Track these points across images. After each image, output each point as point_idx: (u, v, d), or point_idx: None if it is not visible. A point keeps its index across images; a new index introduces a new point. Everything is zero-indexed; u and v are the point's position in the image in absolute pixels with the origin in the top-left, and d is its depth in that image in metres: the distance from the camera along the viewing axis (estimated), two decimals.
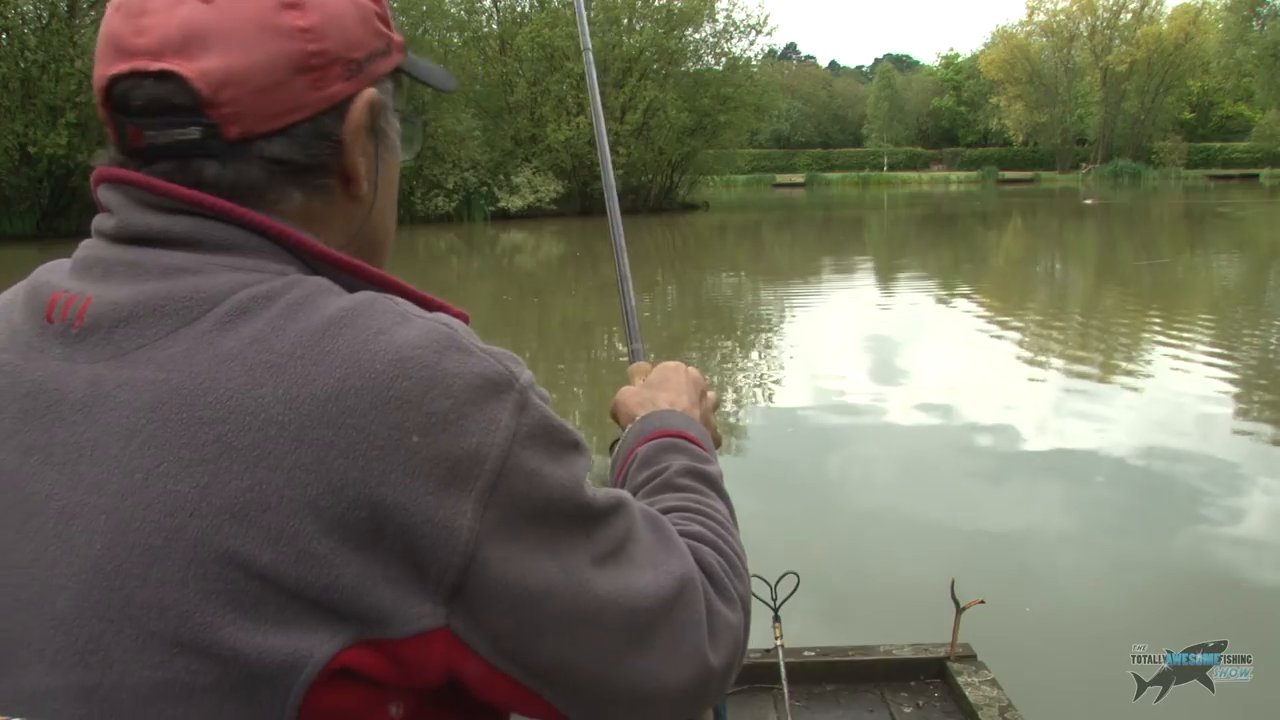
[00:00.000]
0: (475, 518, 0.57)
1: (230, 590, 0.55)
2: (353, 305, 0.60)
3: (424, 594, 0.57)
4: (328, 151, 0.65)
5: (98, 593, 0.56)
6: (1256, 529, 4.07)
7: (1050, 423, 5.74)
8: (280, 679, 0.55)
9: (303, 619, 0.55)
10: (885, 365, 7.72)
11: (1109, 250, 19.52)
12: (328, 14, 0.64)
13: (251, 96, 0.61)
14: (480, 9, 34.54)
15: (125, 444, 0.57)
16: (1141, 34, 60.10)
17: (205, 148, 0.62)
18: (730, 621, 0.69)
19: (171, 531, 0.55)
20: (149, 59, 0.61)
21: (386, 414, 0.56)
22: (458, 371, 0.58)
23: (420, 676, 0.58)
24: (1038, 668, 2.82)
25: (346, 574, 0.55)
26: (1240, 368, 7.58)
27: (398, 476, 0.56)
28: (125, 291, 0.61)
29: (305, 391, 0.56)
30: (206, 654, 0.55)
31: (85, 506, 0.57)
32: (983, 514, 4.29)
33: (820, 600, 3.24)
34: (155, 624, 0.55)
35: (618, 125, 31.25)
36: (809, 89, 78.84)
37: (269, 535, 0.55)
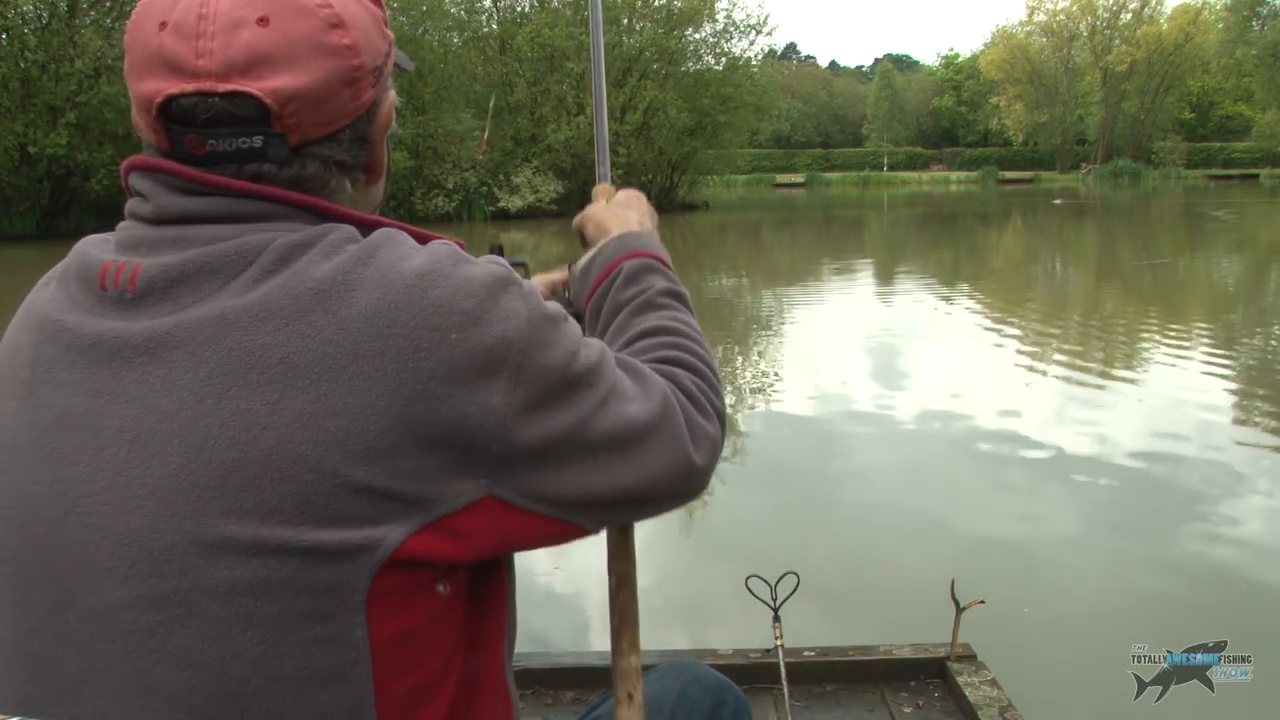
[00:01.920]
0: (508, 394, 0.66)
1: (304, 492, 0.62)
2: (375, 240, 0.69)
3: (470, 471, 0.66)
4: (364, 150, 0.75)
5: (173, 506, 0.62)
6: (1256, 529, 4.07)
7: (1050, 423, 5.74)
8: (351, 568, 0.63)
9: (371, 511, 0.63)
10: (885, 365, 7.72)
11: (1075, 249, 19.52)
12: (362, 30, 0.72)
13: (310, 109, 0.69)
14: (480, 9, 34.55)
15: (194, 374, 0.64)
16: (1141, 34, 60.09)
17: (266, 154, 0.69)
18: (709, 431, 0.80)
19: (247, 444, 0.62)
20: (215, 80, 0.67)
21: (425, 319, 0.65)
22: (473, 275, 0.68)
23: (474, 545, 0.68)
24: (1038, 668, 2.82)
25: (407, 465, 0.63)
26: (1240, 369, 7.58)
27: (444, 371, 0.65)
28: (174, 258, 0.68)
29: (351, 311, 0.64)
30: (282, 551, 0.62)
31: (157, 433, 0.64)
32: (983, 514, 4.29)
33: (820, 600, 3.24)
34: (232, 528, 0.62)
35: (618, 125, 31.23)
36: (809, 89, 78.81)
37: (337, 439, 0.62)
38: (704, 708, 1.04)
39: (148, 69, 0.68)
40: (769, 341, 9.35)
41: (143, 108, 0.69)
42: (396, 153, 26.28)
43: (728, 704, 1.06)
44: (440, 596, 0.68)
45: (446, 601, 0.69)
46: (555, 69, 31.62)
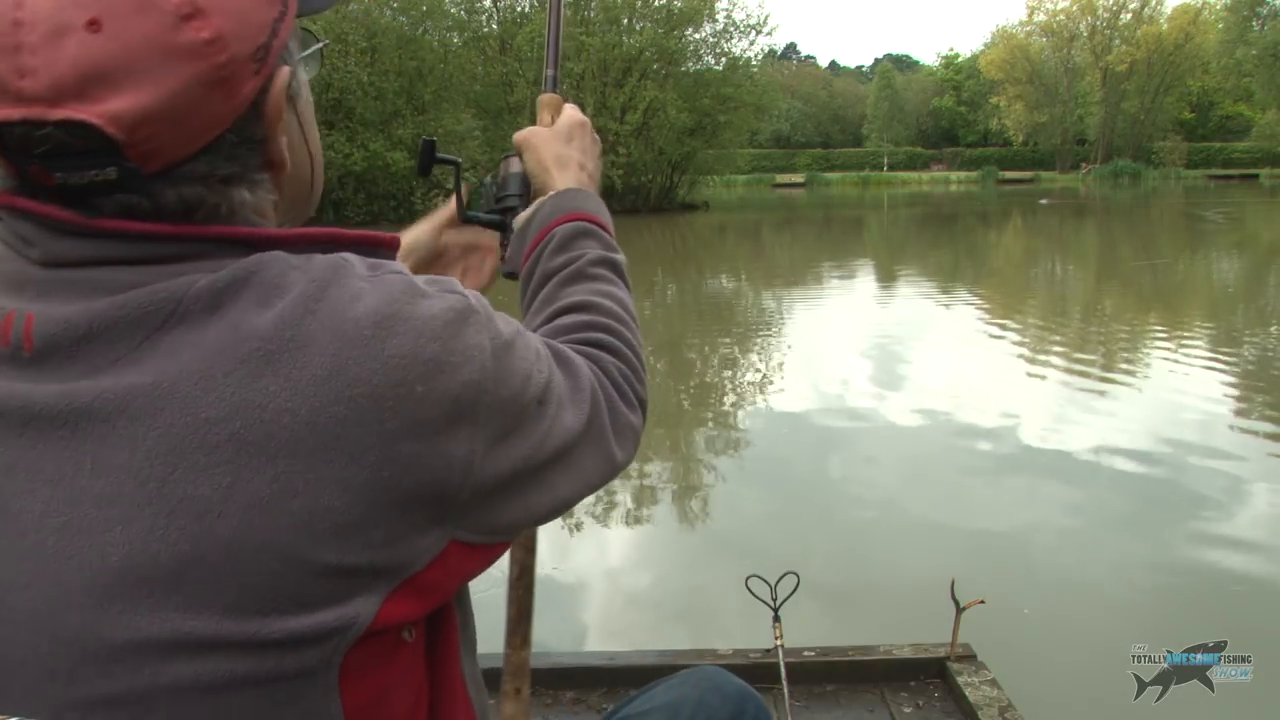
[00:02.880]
0: (473, 440, 0.61)
1: (270, 581, 0.55)
2: (320, 277, 0.59)
3: (435, 524, 0.61)
4: (254, 153, 0.63)
5: (120, 603, 0.55)
6: (1257, 529, 4.07)
7: (1050, 423, 5.74)
8: (323, 650, 0.58)
9: (344, 590, 0.57)
10: (886, 365, 7.72)
11: (1062, 248, 19.53)
12: (226, 12, 0.58)
13: (168, 129, 0.57)
14: (480, 9, 34.57)
15: (130, 455, 0.55)
16: (1141, 34, 60.11)
17: (126, 185, 0.58)
18: (631, 422, 0.79)
19: (200, 534, 0.55)
20: (44, 106, 0.54)
21: (387, 375, 0.58)
22: (433, 313, 0.61)
23: (441, 594, 0.64)
24: (1038, 668, 2.82)
25: (376, 535, 0.58)
26: (1239, 369, 7.58)
27: (410, 428, 0.58)
28: (74, 309, 0.58)
29: (305, 374, 0.56)
30: (250, 645, 0.56)
31: (93, 520, 0.55)
32: (983, 514, 4.29)
33: (820, 600, 3.24)
34: (191, 624, 0.55)
35: (618, 125, 31.24)
36: (809, 89, 78.86)
37: (301, 520, 0.55)
38: (722, 717, 1.01)
39: None
40: (769, 341, 9.35)
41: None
42: (396, 152, 26.32)
43: (747, 713, 1.03)
44: (407, 644, 0.64)
45: (412, 646, 0.65)
46: None
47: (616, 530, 4.22)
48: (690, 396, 7.13)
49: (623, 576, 3.71)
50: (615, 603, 3.50)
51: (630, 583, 3.66)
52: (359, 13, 27.89)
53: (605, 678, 2.26)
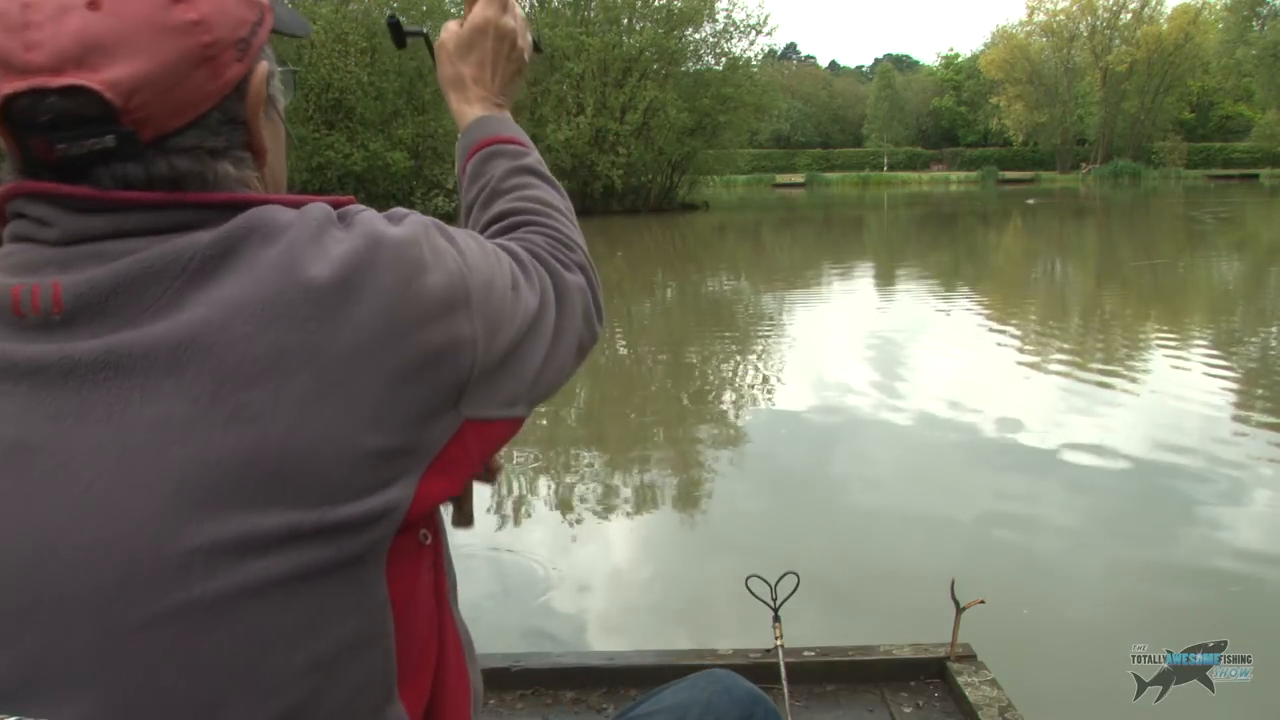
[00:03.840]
0: (473, 321, 0.70)
1: (325, 472, 0.62)
2: (318, 218, 0.67)
3: (450, 405, 0.68)
4: (238, 132, 0.69)
5: (186, 513, 0.59)
6: (1257, 529, 4.07)
7: (1051, 423, 5.74)
8: (375, 535, 0.64)
9: (387, 474, 0.64)
10: (886, 365, 7.72)
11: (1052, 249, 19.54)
12: (210, 1, 0.65)
13: (159, 99, 0.63)
14: None
15: (177, 380, 0.60)
16: (1141, 34, 60.08)
17: (123, 153, 0.63)
18: (573, 282, 0.85)
19: (257, 438, 0.60)
20: (49, 75, 0.60)
21: (388, 280, 0.66)
22: (405, 231, 0.69)
23: (462, 474, 0.71)
24: (1038, 668, 2.82)
25: (408, 419, 0.65)
26: (1239, 369, 7.58)
27: (417, 319, 0.66)
28: (98, 272, 0.63)
29: (320, 284, 0.63)
30: (313, 534, 0.61)
31: (150, 444, 0.60)
32: (983, 514, 4.29)
33: (820, 600, 3.24)
34: (257, 522, 0.60)
35: (618, 125, 31.24)
36: (809, 89, 78.83)
37: (344, 413, 0.62)
38: (734, 715, 1.01)
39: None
40: (769, 341, 9.35)
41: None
42: (396, 152, 26.34)
43: (756, 716, 1.03)
44: (425, 547, 0.71)
45: (428, 551, 0.71)
46: (555, 69, 31.60)
47: (617, 530, 4.22)
48: (690, 396, 7.13)
49: (623, 576, 3.71)
50: (615, 603, 3.50)
51: (630, 583, 3.66)
52: (359, 13, 27.89)
53: (605, 678, 2.25)
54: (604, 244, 21.69)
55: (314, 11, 27.03)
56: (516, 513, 4.43)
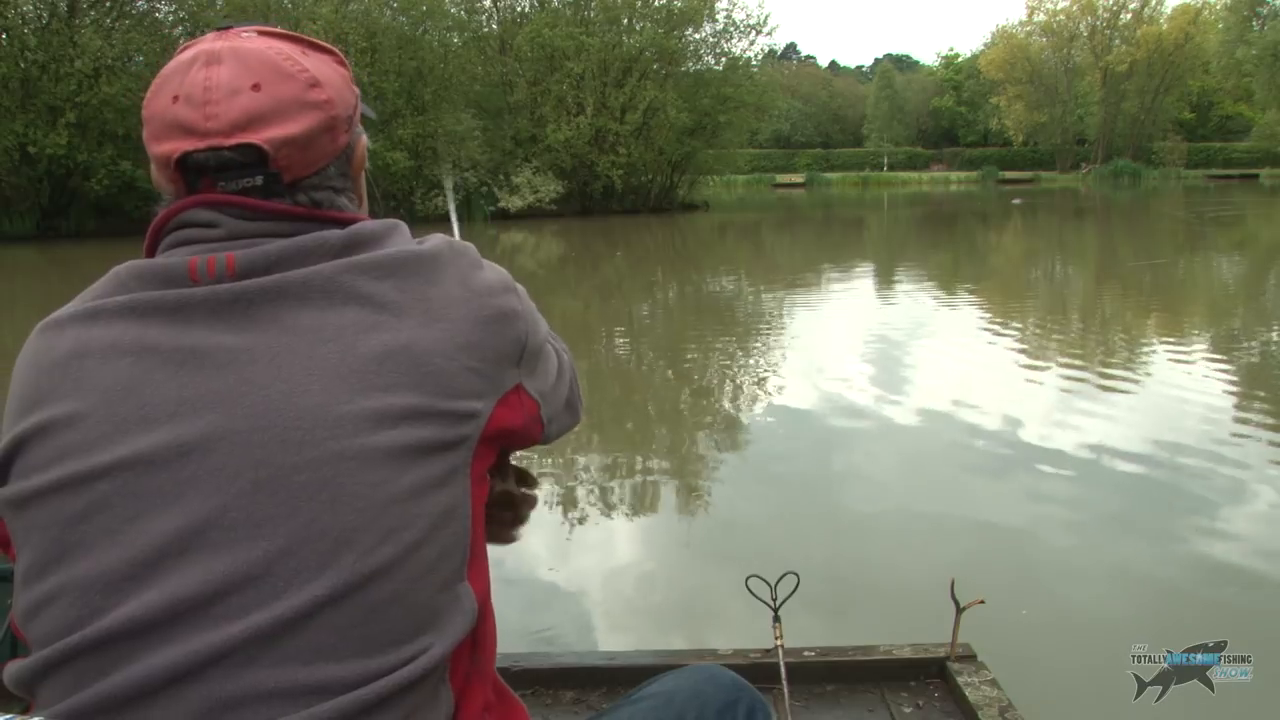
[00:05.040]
0: (521, 302, 0.94)
1: (435, 373, 0.84)
2: (412, 236, 0.93)
3: (512, 363, 0.91)
4: (346, 182, 0.93)
5: (341, 388, 0.80)
6: (1257, 529, 4.07)
7: (1050, 422, 5.74)
8: (469, 429, 0.85)
9: (476, 387, 0.86)
10: (886, 365, 7.72)
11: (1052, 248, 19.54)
12: (334, 87, 0.90)
13: (299, 153, 0.87)
14: (480, 9, 34.56)
15: (326, 303, 0.83)
16: (1141, 34, 60.07)
17: (266, 190, 0.86)
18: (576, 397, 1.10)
19: (387, 343, 0.82)
20: (222, 137, 0.84)
21: (462, 259, 0.91)
22: (467, 246, 0.95)
23: (521, 418, 0.92)
24: (1038, 668, 2.82)
25: (488, 354, 0.88)
26: (1239, 368, 7.58)
27: (482, 287, 0.91)
28: (266, 247, 0.84)
29: (425, 251, 0.89)
30: (428, 415, 0.82)
31: (309, 343, 0.81)
32: (983, 514, 4.29)
33: (820, 600, 3.24)
34: (389, 400, 0.81)
35: (618, 125, 31.23)
36: (809, 89, 78.77)
37: (446, 337, 0.85)
38: (717, 703, 1.07)
39: (166, 134, 0.85)
40: (769, 341, 9.35)
41: (162, 163, 0.86)
42: (396, 152, 26.38)
43: (743, 701, 1.09)
44: (488, 482, 0.91)
45: (487, 490, 0.91)
46: (555, 69, 31.60)
47: (617, 530, 4.23)
48: (690, 396, 7.13)
49: (623, 577, 3.71)
50: (615, 603, 3.50)
51: (630, 583, 3.66)
52: (359, 13, 27.89)
53: (605, 678, 2.25)
54: (604, 244, 21.69)
55: (314, 11, 27.03)
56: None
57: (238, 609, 0.76)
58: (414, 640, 0.81)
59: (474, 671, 0.90)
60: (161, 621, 0.75)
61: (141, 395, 0.80)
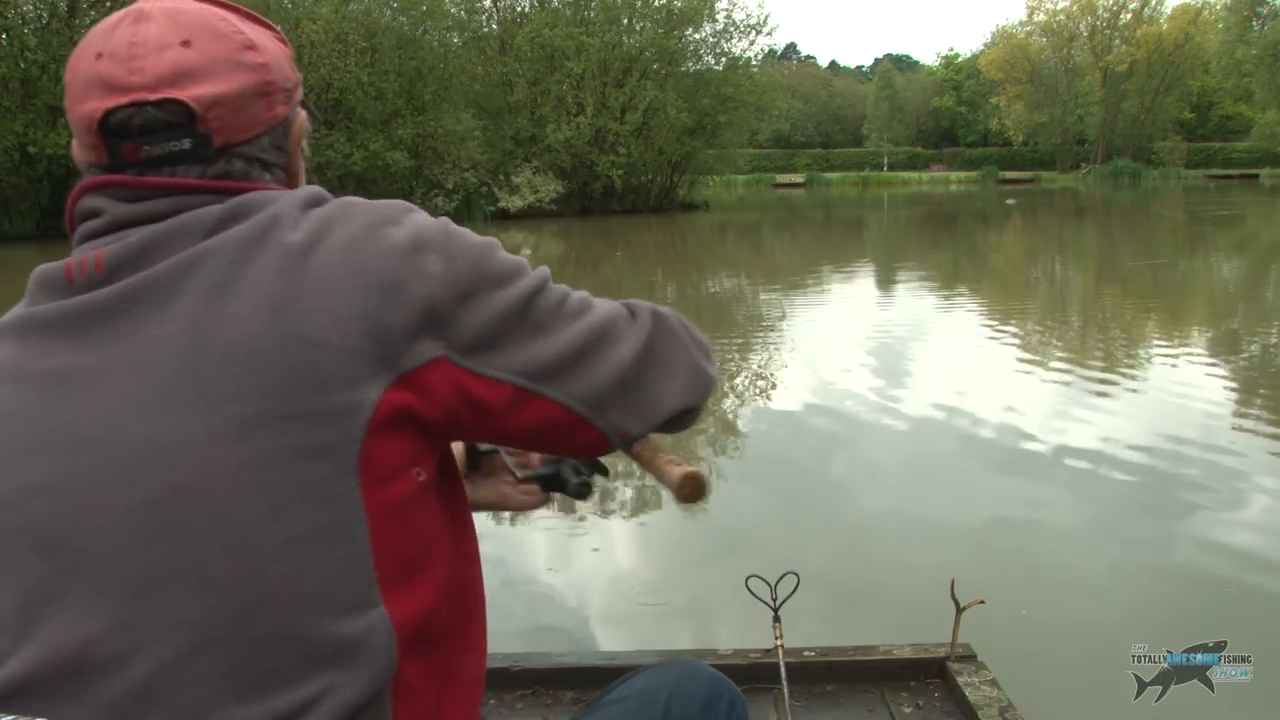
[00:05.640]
0: (444, 265, 0.78)
1: (294, 365, 0.72)
2: (306, 189, 0.83)
3: (424, 333, 0.76)
4: (280, 156, 0.87)
5: (178, 404, 0.72)
6: (1257, 529, 4.07)
7: (1051, 422, 5.74)
8: (342, 431, 0.73)
9: (351, 373, 0.73)
10: (886, 365, 7.72)
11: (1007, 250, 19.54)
12: (272, 53, 0.85)
13: (230, 114, 0.80)
14: (480, 9, 34.57)
15: (180, 301, 0.74)
16: (1141, 34, 60.07)
17: (194, 155, 0.80)
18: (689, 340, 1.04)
19: (234, 336, 0.72)
20: (147, 91, 0.78)
21: (359, 220, 0.79)
22: (385, 200, 0.84)
23: (438, 402, 0.77)
24: (1038, 668, 2.82)
25: (373, 329, 0.74)
26: (1239, 368, 7.58)
27: (387, 250, 0.77)
28: (134, 238, 0.77)
29: (305, 224, 0.77)
30: (281, 419, 0.71)
31: (154, 353, 0.73)
32: (983, 514, 4.29)
33: (820, 600, 3.24)
34: (234, 410, 0.71)
35: (618, 125, 31.23)
36: (809, 89, 78.78)
37: (313, 315, 0.73)
38: (699, 700, 1.04)
39: (87, 93, 0.79)
40: (769, 341, 9.35)
41: (84, 127, 0.79)
42: (396, 152, 26.38)
43: (723, 697, 1.06)
44: (416, 480, 0.78)
45: (422, 487, 0.78)
46: (555, 69, 31.59)
47: (617, 530, 4.22)
48: None
49: (623, 576, 3.71)
50: (615, 603, 3.50)
51: (630, 583, 3.65)
52: (359, 13, 27.88)
53: (605, 678, 2.25)
54: (604, 244, 21.68)
55: (314, 11, 27.02)
56: (516, 512, 4.42)
57: (97, 673, 0.69)
58: (306, 682, 0.71)
59: (442, 711, 0.81)
60: (15, 694, 0.69)
61: (9, 428, 0.75)
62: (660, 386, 0.91)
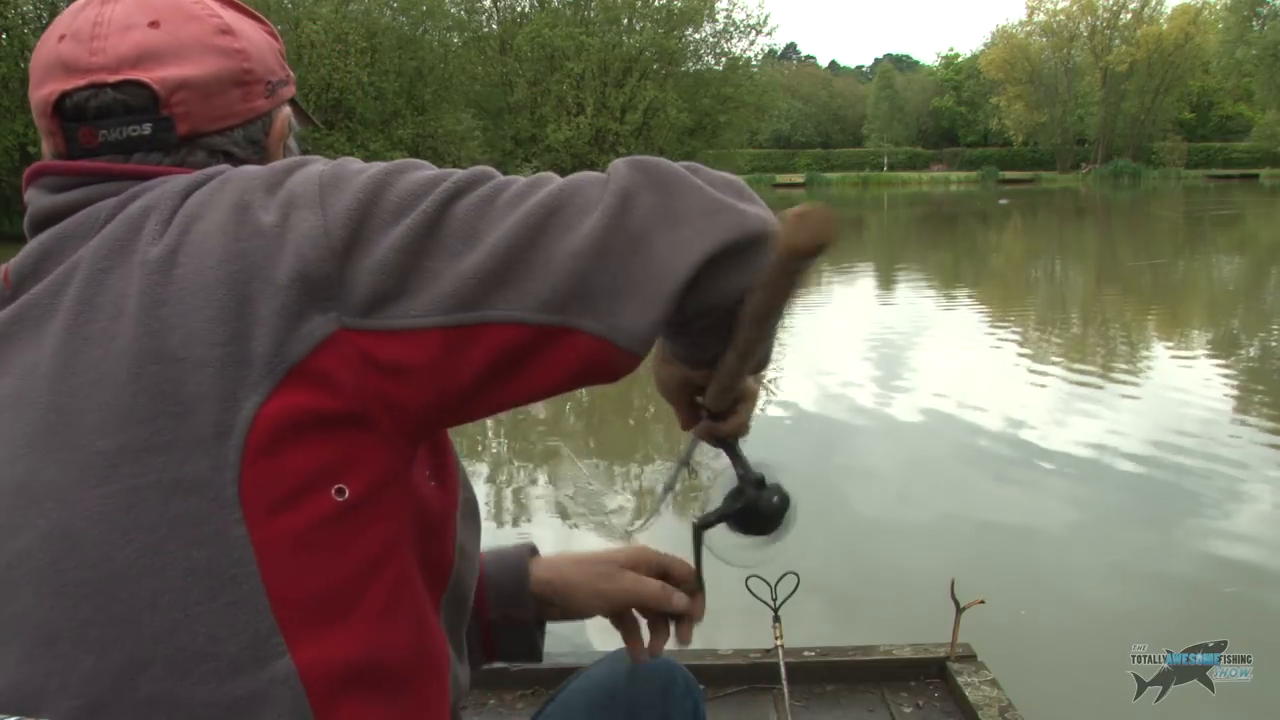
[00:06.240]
0: (319, 217, 0.64)
1: (154, 384, 0.62)
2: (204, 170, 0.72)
3: (312, 307, 0.62)
4: (256, 152, 0.78)
5: (48, 442, 0.64)
6: (1257, 528, 4.07)
7: (1051, 423, 5.74)
8: (216, 458, 0.61)
9: (220, 386, 0.61)
10: (886, 365, 7.72)
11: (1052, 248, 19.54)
12: (252, 41, 0.78)
13: (198, 100, 0.73)
14: (480, 9, 34.62)
15: (55, 321, 0.66)
16: (1141, 34, 60.06)
17: (155, 142, 0.73)
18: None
19: (100, 359, 0.63)
20: (107, 72, 0.71)
21: (229, 198, 0.66)
22: (271, 164, 0.70)
23: (344, 389, 0.63)
24: (1038, 668, 2.82)
25: (243, 326, 0.62)
26: (1239, 368, 7.58)
27: (252, 224, 0.65)
28: (33, 244, 0.71)
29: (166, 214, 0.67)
30: (145, 451, 0.62)
31: (30, 384, 0.66)
32: (983, 514, 4.29)
33: (820, 600, 3.24)
34: (100, 443, 0.62)
35: (618, 125, 31.25)
36: (809, 89, 78.78)
37: (170, 323, 0.63)
38: (655, 686, 1.04)
39: (46, 76, 0.73)
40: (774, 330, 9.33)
41: (41, 112, 0.73)
42: (396, 153, 26.34)
43: (678, 681, 1.06)
44: (335, 502, 0.63)
45: (345, 508, 0.63)
46: (555, 69, 31.62)
47: (616, 531, 4.22)
48: None
49: None
50: None
51: None
52: (359, 13, 27.90)
53: None
54: None
55: (314, 11, 27.03)
56: (516, 513, 4.43)
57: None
58: None
59: None
60: None
61: None
62: (659, 242, 0.63)
